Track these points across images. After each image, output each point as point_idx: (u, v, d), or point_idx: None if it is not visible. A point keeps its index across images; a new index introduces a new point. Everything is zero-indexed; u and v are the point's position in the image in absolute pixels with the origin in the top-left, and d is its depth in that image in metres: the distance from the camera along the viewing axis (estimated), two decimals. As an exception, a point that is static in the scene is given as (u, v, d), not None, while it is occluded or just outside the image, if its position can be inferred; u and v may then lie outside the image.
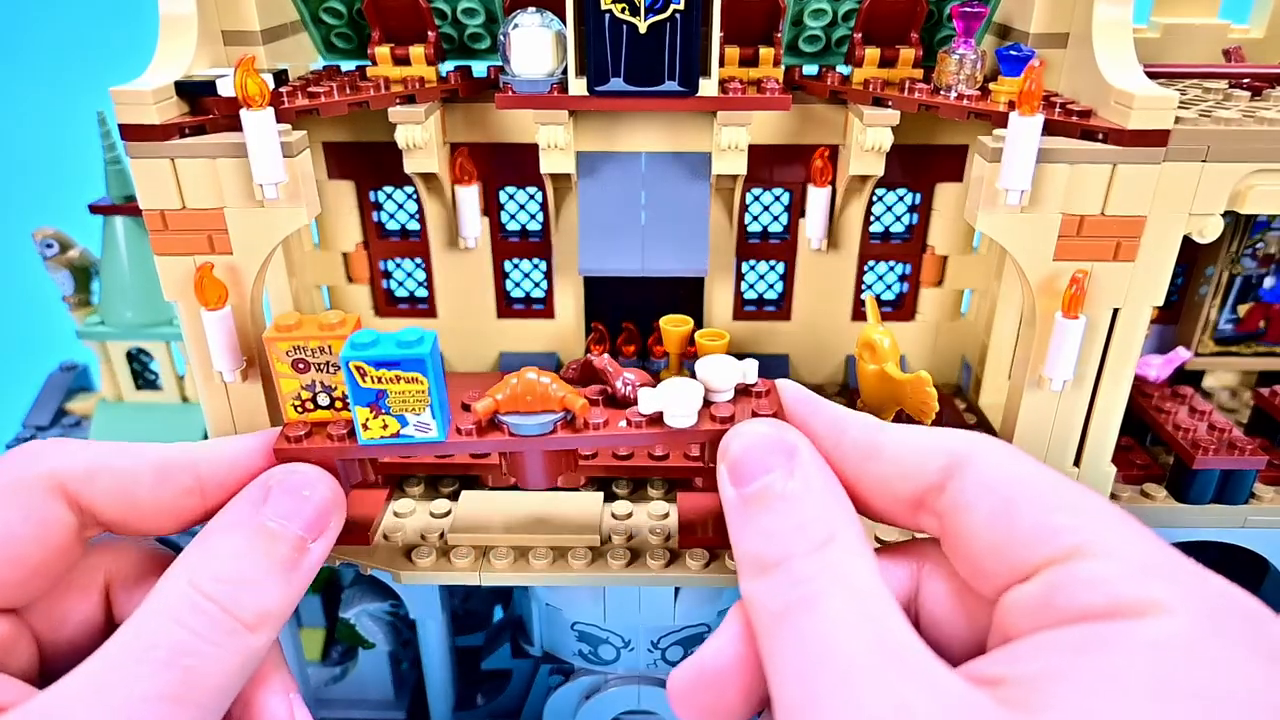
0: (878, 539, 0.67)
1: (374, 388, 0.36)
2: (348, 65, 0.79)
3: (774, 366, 0.89)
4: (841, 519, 0.36)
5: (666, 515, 0.70)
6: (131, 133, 0.59)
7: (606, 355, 0.40)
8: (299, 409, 0.41)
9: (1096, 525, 0.34)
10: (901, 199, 0.84)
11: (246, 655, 0.38)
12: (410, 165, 0.73)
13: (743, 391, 0.39)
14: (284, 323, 0.39)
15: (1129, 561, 0.32)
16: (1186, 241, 0.63)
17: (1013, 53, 0.64)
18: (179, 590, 0.38)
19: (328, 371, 0.39)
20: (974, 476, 0.36)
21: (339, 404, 0.40)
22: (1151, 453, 0.78)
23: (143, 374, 0.98)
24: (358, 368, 0.35)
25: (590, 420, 0.38)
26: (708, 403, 0.39)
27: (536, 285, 0.88)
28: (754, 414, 0.38)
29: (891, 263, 0.87)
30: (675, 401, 0.37)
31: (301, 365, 0.39)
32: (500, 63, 0.72)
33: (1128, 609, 0.30)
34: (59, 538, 0.42)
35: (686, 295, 0.85)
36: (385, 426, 0.38)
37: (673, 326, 0.77)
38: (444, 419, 0.39)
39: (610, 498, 0.72)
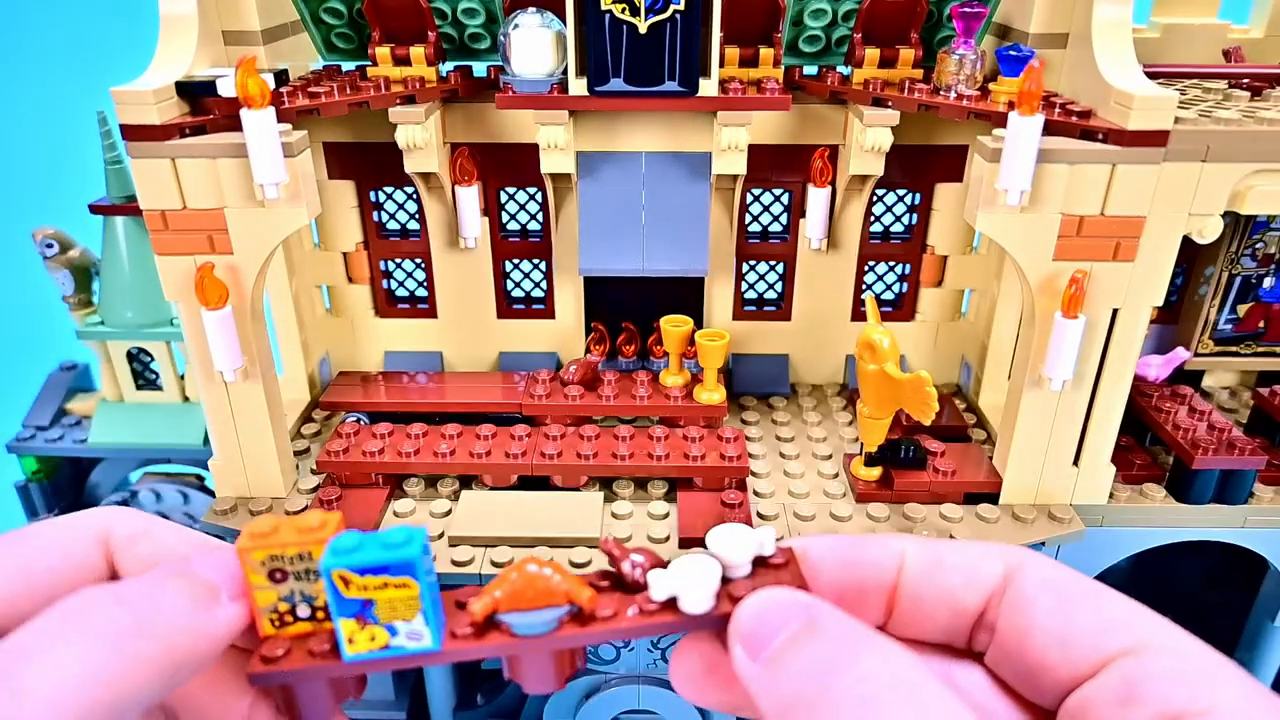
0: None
1: (359, 597, 0.32)
2: (348, 65, 0.79)
3: (774, 366, 0.90)
4: (877, 638, 0.34)
5: (667, 515, 0.70)
6: (132, 133, 0.60)
7: (613, 539, 0.37)
8: (276, 623, 0.36)
9: (1153, 621, 0.33)
10: (901, 199, 0.84)
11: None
12: (410, 165, 0.73)
13: (760, 563, 0.36)
14: (258, 529, 0.33)
15: (1193, 657, 0.32)
16: (1186, 241, 0.63)
17: (1012, 53, 0.64)
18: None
19: (308, 580, 0.34)
20: (1033, 575, 0.36)
21: (320, 614, 0.35)
22: (1151, 452, 0.78)
23: (143, 374, 0.98)
24: (341, 576, 0.32)
25: (599, 613, 0.34)
26: (724, 578, 0.35)
27: (536, 285, 0.88)
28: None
29: (891, 263, 0.87)
30: (690, 585, 0.34)
31: (279, 575, 0.34)
32: (500, 63, 0.72)
33: (1203, 707, 0.30)
34: (79, 578, 0.41)
35: (686, 295, 0.85)
36: (373, 639, 0.33)
37: (673, 326, 0.77)
38: (438, 624, 0.34)
39: (610, 498, 0.72)
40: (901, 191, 0.84)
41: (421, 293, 0.88)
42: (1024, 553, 0.36)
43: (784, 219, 0.85)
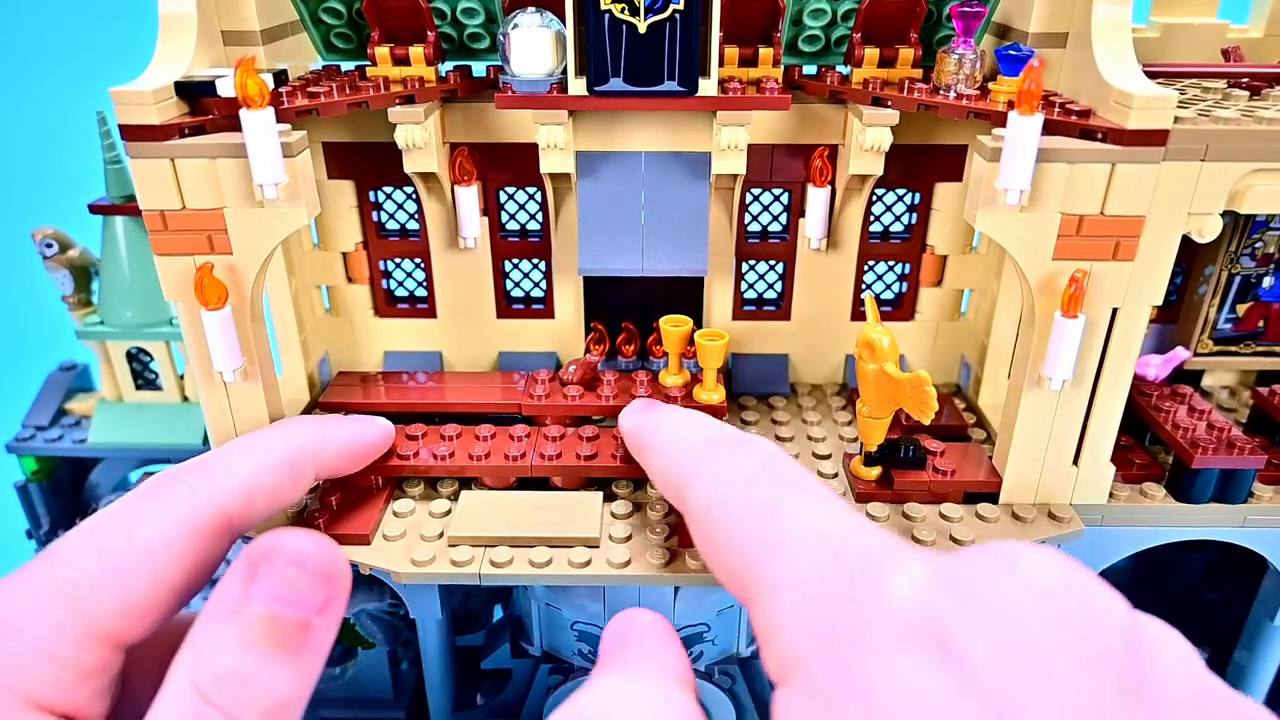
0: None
1: None
2: (347, 65, 0.79)
3: (774, 366, 0.90)
4: (654, 671, 0.39)
5: (667, 515, 0.70)
6: (131, 133, 0.60)
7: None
8: None
9: (775, 557, 0.32)
10: (901, 199, 0.84)
11: None
12: (410, 165, 0.73)
13: None
14: None
15: (787, 605, 0.31)
16: (1185, 241, 0.63)
17: (1012, 52, 0.64)
18: (184, 698, 0.35)
19: None
20: (687, 518, 0.39)
21: None
22: (1150, 452, 0.78)
23: (143, 374, 0.98)
24: None
25: None
26: None
27: (536, 285, 0.88)
28: None
29: (891, 262, 0.87)
30: None
31: None
32: (500, 62, 0.72)
33: (782, 669, 0.30)
34: (213, 573, 0.43)
35: (686, 295, 0.85)
36: None
37: (672, 326, 0.77)
38: None
39: (610, 498, 0.72)
40: (901, 191, 0.84)
41: (421, 293, 0.88)
42: (688, 478, 0.41)
43: (783, 219, 0.85)
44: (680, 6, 0.63)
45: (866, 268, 0.87)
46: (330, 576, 0.37)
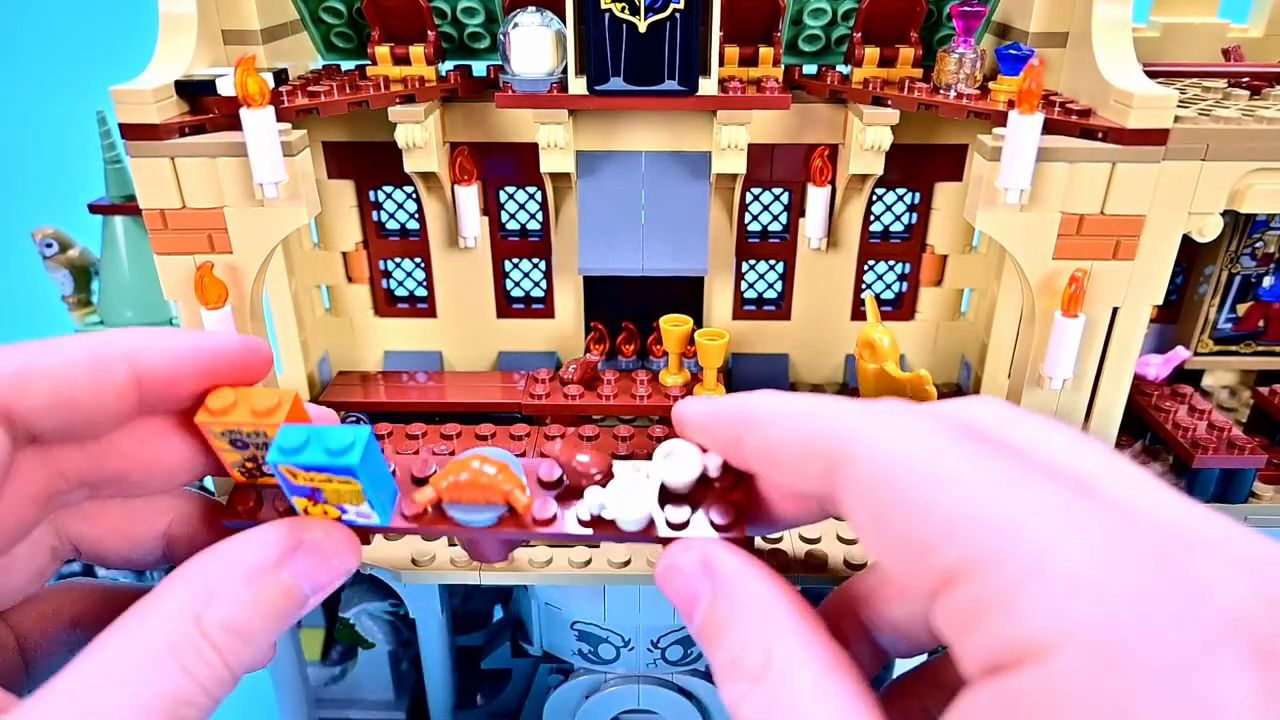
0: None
1: (307, 485, 0.34)
2: (347, 65, 0.79)
3: (774, 366, 0.89)
4: (776, 631, 0.32)
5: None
6: (131, 132, 0.60)
7: (559, 444, 0.39)
8: (245, 475, 0.40)
9: (998, 518, 0.27)
10: (901, 198, 0.84)
11: (215, 709, 0.35)
12: (410, 165, 0.73)
13: (705, 484, 0.37)
14: (218, 404, 0.36)
15: (1044, 563, 0.25)
16: (1186, 240, 0.63)
17: (1012, 52, 0.64)
18: (185, 629, 0.35)
19: (264, 450, 0.38)
20: (856, 476, 0.30)
21: None
22: (1151, 452, 0.78)
23: (142, 374, 0.98)
24: (288, 470, 0.34)
25: (536, 517, 0.36)
26: (665, 492, 0.37)
27: (536, 285, 0.88)
28: (711, 522, 0.36)
29: (891, 262, 0.87)
30: (624, 509, 0.35)
31: (239, 443, 0.38)
32: (500, 62, 0.72)
33: (1027, 651, 0.25)
34: (109, 398, 0.37)
35: (686, 295, 0.85)
36: (325, 513, 0.37)
37: (672, 326, 0.77)
38: (386, 507, 0.37)
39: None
40: (901, 191, 0.84)
41: (421, 292, 0.88)
42: (852, 439, 0.31)
43: (783, 218, 0.85)
44: (680, 6, 0.63)
45: (867, 267, 0.87)
46: (348, 573, 0.39)
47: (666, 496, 0.37)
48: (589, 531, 0.36)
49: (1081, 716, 0.22)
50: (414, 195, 0.83)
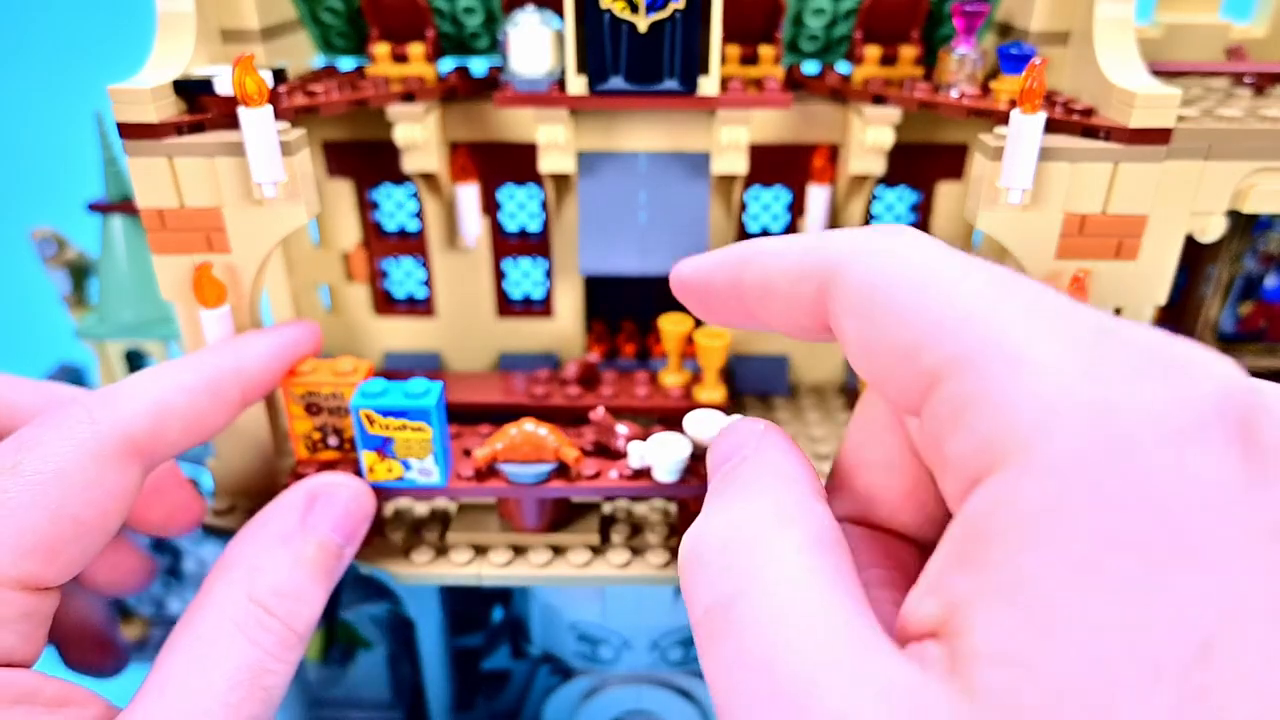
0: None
1: (381, 434, 0.38)
2: (346, 64, 0.79)
3: (774, 366, 0.89)
4: (778, 485, 0.32)
5: (667, 514, 0.70)
6: (129, 131, 0.59)
7: (603, 410, 0.41)
8: (310, 448, 0.45)
9: (985, 321, 0.26)
10: (902, 198, 0.84)
11: (295, 668, 0.39)
12: (409, 164, 0.73)
13: None
14: (303, 369, 0.42)
15: (1013, 366, 0.24)
16: (1188, 241, 0.63)
17: (1014, 51, 0.64)
18: (242, 607, 0.38)
19: (338, 415, 0.43)
20: (846, 291, 0.30)
21: (347, 445, 0.43)
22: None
23: (141, 374, 0.97)
24: (367, 415, 0.37)
25: (582, 472, 0.40)
26: (696, 457, 0.39)
27: (536, 285, 0.88)
28: None
29: (892, 262, 0.87)
30: (661, 458, 0.38)
31: (314, 408, 0.43)
32: (500, 61, 0.72)
33: (1007, 447, 0.24)
34: (127, 505, 0.40)
35: (686, 295, 0.85)
36: (390, 470, 0.42)
37: (672, 326, 0.76)
38: (446, 465, 0.42)
39: (610, 497, 0.72)
40: (902, 190, 0.84)
41: (421, 292, 0.88)
42: (842, 258, 0.31)
43: (784, 218, 0.85)
44: (681, 5, 0.63)
45: (868, 267, 0.87)
46: (368, 516, 0.43)
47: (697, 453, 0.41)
48: (631, 485, 0.41)
49: (1076, 498, 0.22)
50: (413, 195, 0.83)
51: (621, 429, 0.42)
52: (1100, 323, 0.26)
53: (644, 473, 0.40)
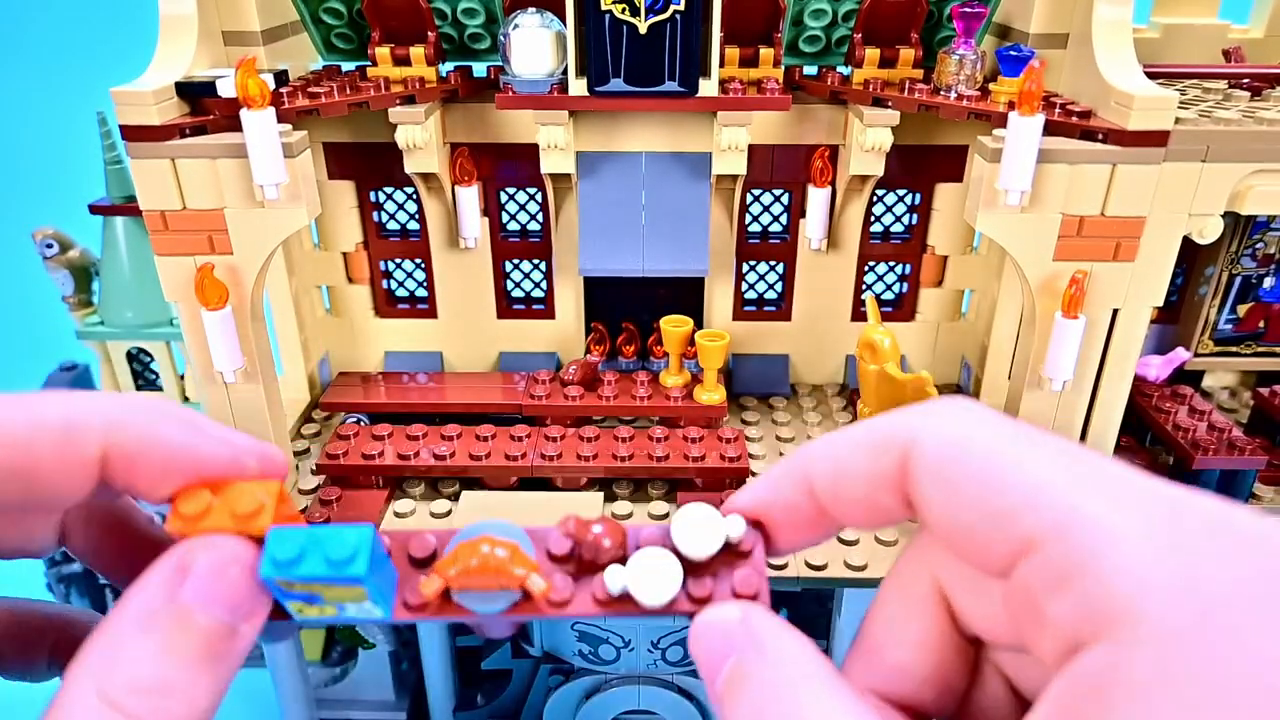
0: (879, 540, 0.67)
1: (304, 592, 0.31)
2: (348, 65, 0.79)
3: (774, 367, 0.89)
4: (805, 680, 0.33)
5: (666, 515, 0.70)
6: (132, 133, 0.60)
7: (574, 519, 0.36)
8: None
9: (1070, 489, 0.28)
10: (901, 199, 0.84)
11: None
12: (410, 165, 0.73)
13: (727, 550, 0.35)
14: (190, 510, 0.31)
15: (1113, 537, 0.26)
16: (1186, 242, 0.63)
17: (1012, 53, 0.64)
18: (90, 710, 0.30)
19: None
20: (924, 463, 0.31)
21: None
22: (1151, 452, 0.78)
23: (143, 374, 0.98)
24: (283, 582, 0.30)
25: (552, 599, 0.34)
26: (687, 564, 0.35)
27: (536, 285, 0.88)
28: (734, 591, 0.34)
29: (891, 263, 0.87)
30: (647, 584, 0.34)
31: None
32: (500, 63, 0.72)
33: (1111, 616, 0.25)
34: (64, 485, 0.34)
35: (687, 295, 0.85)
36: (321, 612, 0.32)
37: (673, 327, 0.77)
38: (388, 598, 0.33)
39: (610, 498, 0.72)
40: (902, 191, 0.84)
41: (421, 293, 0.88)
42: (917, 429, 0.31)
43: (784, 219, 0.85)
44: (681, 7, 0.63)
45: (867, 268, 0.87)
46: (259, 585, 0.33)
47: (685, 566, 0.36)
48: (610, 610, 0.34)
49: (1178, 669, 0.23)
50: (414, 196, 0.83)
51: (597, 529, 0.36)
52: (1169, 494, 0.27)
53: (625, 598, 0.34)
